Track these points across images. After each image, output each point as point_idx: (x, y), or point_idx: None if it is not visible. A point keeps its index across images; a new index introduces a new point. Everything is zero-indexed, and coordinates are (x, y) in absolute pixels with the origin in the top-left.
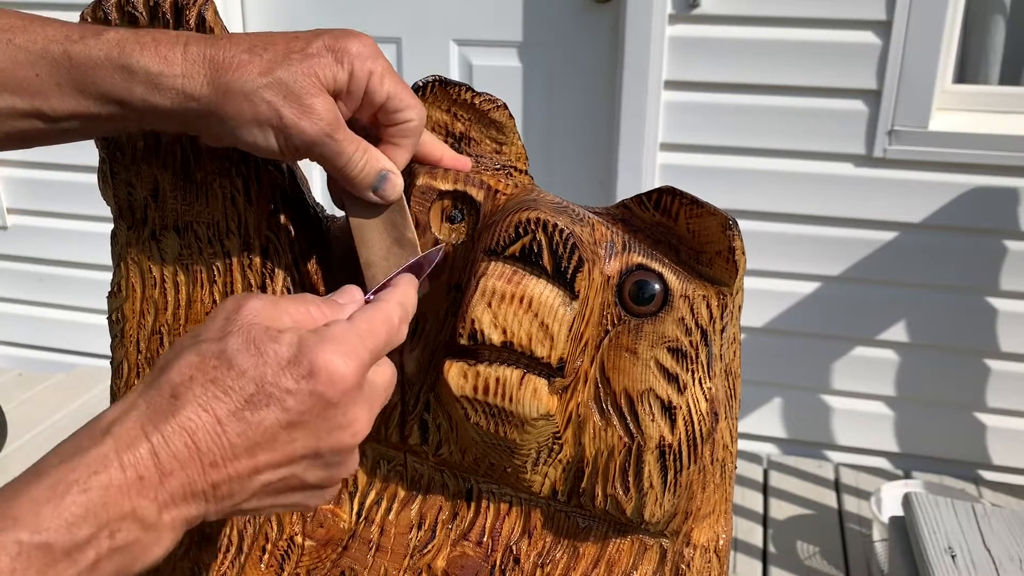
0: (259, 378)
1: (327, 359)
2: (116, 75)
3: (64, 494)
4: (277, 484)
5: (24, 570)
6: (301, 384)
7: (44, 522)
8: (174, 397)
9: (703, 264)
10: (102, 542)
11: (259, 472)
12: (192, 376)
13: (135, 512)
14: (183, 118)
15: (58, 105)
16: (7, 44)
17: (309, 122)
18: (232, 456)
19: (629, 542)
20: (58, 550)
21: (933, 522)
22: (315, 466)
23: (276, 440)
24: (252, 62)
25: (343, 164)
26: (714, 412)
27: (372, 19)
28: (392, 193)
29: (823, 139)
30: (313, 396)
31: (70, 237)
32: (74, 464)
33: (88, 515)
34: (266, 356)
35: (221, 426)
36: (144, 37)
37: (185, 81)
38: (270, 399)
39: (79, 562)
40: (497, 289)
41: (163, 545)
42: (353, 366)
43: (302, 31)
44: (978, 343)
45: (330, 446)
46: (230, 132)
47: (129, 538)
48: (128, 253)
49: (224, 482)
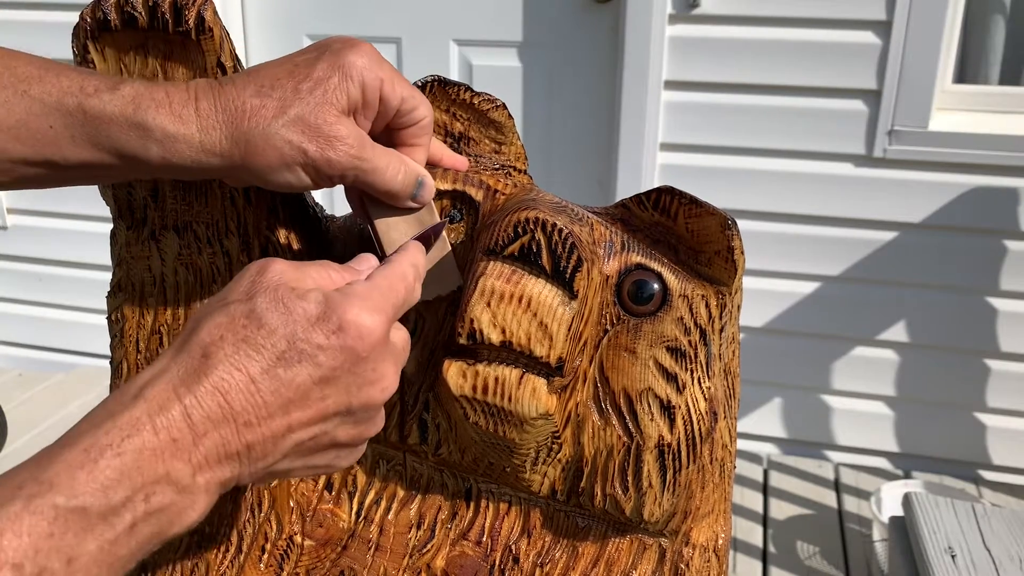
0: (290, 335)
1: (355, 314)
2: (131, 132)
3: (98, 458)
4: (309, 443)
5: (62, 534)
6: (331, 339)
7: (79, 486)
8: (205, 357)
9: (702, 264)
10: (137, 505)
11: (292, 431)
12: (222, 336)
13: (169, 475)
14: (204, 171)
15: (71, 156)
16: (22, 95)
17: (336, 151)
18: (266, 415)
19: (628, 541)
20: (94, 514)
21: (933, 522)
22: (346, 423)
23: (309, 397)
24: (265, 105)
25: (380, 181)
26: (713, 412)
27: (372, 19)
28: (430, 196)
29: (823, 139)
30: (344, 351)
31: (70, 237)
32: (107, 428)
33: (122, 478)
34: (295, 314)
35: (255, 384)
36: (158, 93)
37: (203, 137)
38: (302, 355)
39: (116, 525)
40: (496, 289)
41: (198, 509)
42: (380, 320)
43: (299, 56)
44: (978, 343)
45: (361, 402)
46: (260, 180)
47: (164, 501)
48: (128, 253)
49: (258, 442)
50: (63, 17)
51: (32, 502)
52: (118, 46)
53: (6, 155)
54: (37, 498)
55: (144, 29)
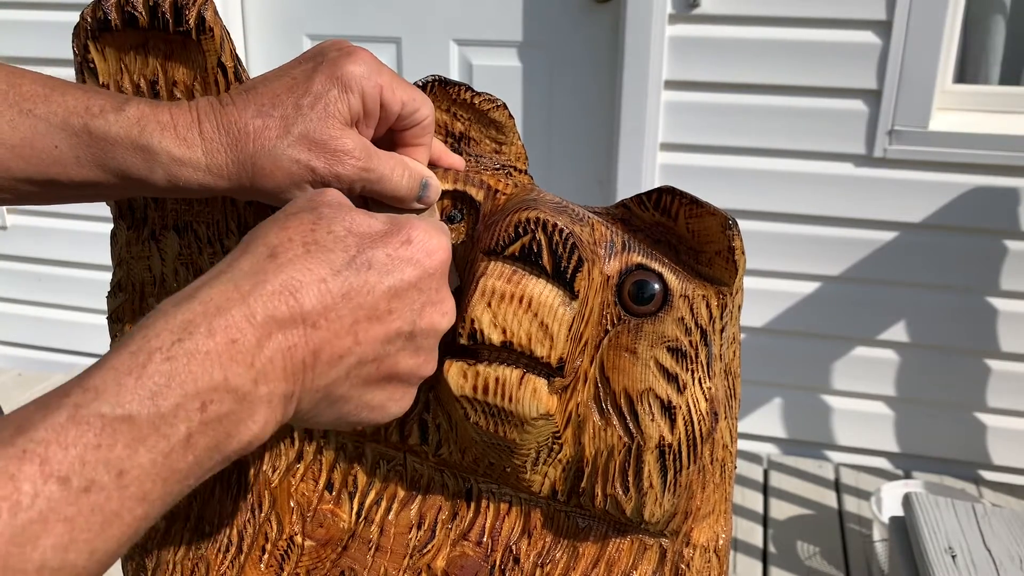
0: (359, 243)
1: (424, 230)
2: (137, 155)
3: (146, 363)
4: (371, 367)
5: (111, 445)
6: (401, 251)
7: (126, 393)
8: (272, 257)
9: (703, 264)
10: (192, 415)
11: (359, 343)
12: (291, 237)
13: (227, 381)
14: (211, 193)
15: (76, 176)
16: (27, 114)
17: (343, 166)
18: (336, 319)
19: (629, 542)
20: (143, 423)
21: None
22: (408, 349)
23: (377, 308)
24: (267, 126)
25: (387, 187)
26: (714, 412)
27: (372, 19)
28: (435, 197)
29: (823, 139)
30: (413, 264)
31: (70, 237)
32: (158, 329)
33: (172, 384)
34: (361, 225)
35: (326, 285)
36: (163, 115)
37: (209, 160)
38: (371, 263)
39: (170, 437)
40: (497, 289)
41: (258, 422)
42: (445, 242)
43: (296, 68)
44: (978, 343)
45: (424, 324)
46: (270, 200)
47: (222, 410)
48: (128, 253)
49: (325, 350)
50: (63, 17)
51: (78, 411)
52: (118, 46)
53: (10, 174)
54: (83, 407)
55: (145, 29)
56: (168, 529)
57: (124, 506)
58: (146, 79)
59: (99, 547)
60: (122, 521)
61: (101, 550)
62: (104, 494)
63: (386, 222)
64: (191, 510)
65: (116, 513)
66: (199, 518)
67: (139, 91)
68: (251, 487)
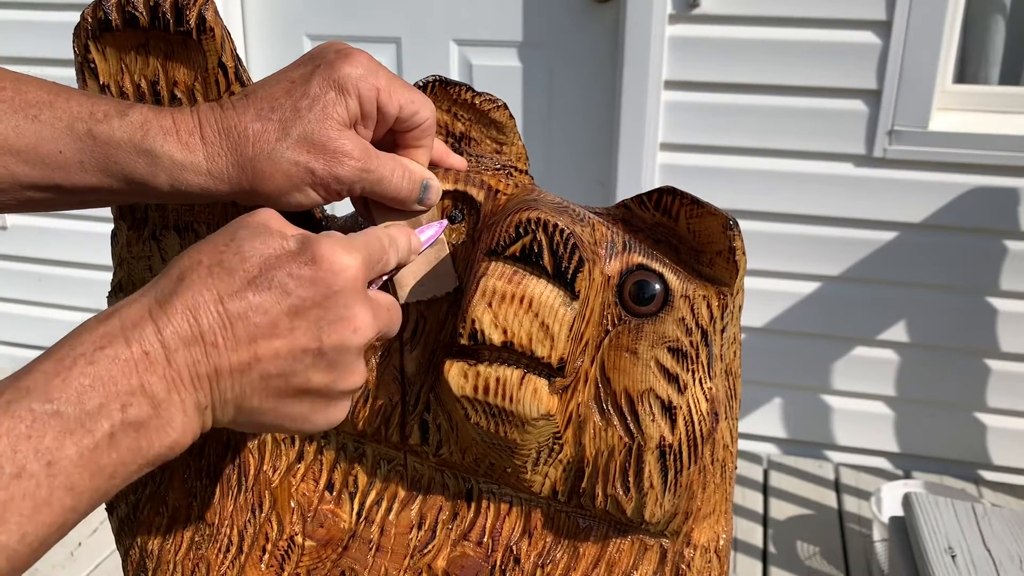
0: (263, 263)
1: (330, 249)
2: (140, 159)
3: (71, 366)
4: (278, 380)
5: (40, 436)
6: (303, 270)
7: (54, 392)
8: (180, 279)
9: (703, 264)
10: (114, 414)
11: (259, 360)
12: (200, 260)
13: (144, 387)
14: (212, 197)
15: (79, 181)
16: (33, 120)
17: (343, 167)
18: (232, 338)
19: (629, 542)
20: (71, 418)
21: (933, 522)
22: (318, 365)
23: (277, 326)
24: (267, 129)
25: (387, 189)
26: (714, 412)
27: (372, 19)
28: (435, 198)
29: (823, 139)
30: (315, 282)
31: (70, 237)
32: (81, 339)
33: (96, 385)
34: (272, 246)
35: (223, 305)
36: (165, 120)
37: (210, 165)
38: (272, 283)
39: (94, 432)
40: (497, 289)
41: (176, 427)
42: (354, 260)
43: (294, 71)
44: (978, 343)
45: (332, 341)
46: (271, 203)
47: (141, 415)
48: (129, 253)
49: (226, 367)
50: (63, 17)
51: (10, 407)
52: (119, 46)
53: (15, 179)
54: (14, 403)
55: (145, 29)
56: (169, 529)
57: (53, 494)
58: (147, 79)
59: (29, 531)
60: (51, 509)
61: (31, 534)
62: (34, 481)
63: (298, 241)
64: (191, 510)
65: (46, 500)
66: (199, 518)
67: (139, 91)
68: (251, 487)
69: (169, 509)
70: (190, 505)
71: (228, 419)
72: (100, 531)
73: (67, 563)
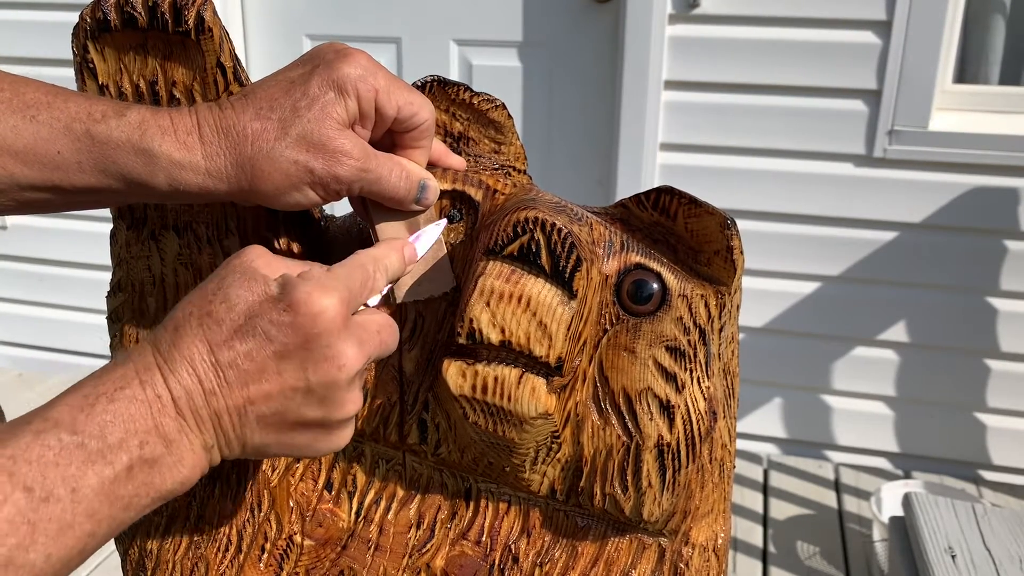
0: (248, 311)
1: (306, 293)
2: (138, 159)
3: (95, 403)
4: (274, 419)
5: (67, 464)
6: (283, 316)
7: (79, 425)
8: (176, 331)
9: (701, 263)
10: (132, 450)
11: (253, 403)
12: (191, 312)
13: (158, 428)
14: (211, 197)
15: (77, 181)
16: (31, 120)
17: (341, 166)
18: (225, 383)
19: (628, 541)
20: (94, 450)
21: (933, 522)
22: (309, 401)
23: (265, 371)
24: (266, 128)
25: (385, 189)
26: (712, 411)
27: (372, 19)
28: (433, 198)
29: (823, 139)
30: (294, 328)
31: (70, 237)
32: (103, 379)
33: (116, 421)
34: (256, 292)
35: (213, 355)
36: (163, 120)
37: (208, 164)
38: (255, 330)
39: (114, 464)
40: (495, 288)
41: (186, 465)
42: (332, 302)
43: (293, 71)
44: (978, 343)
45: (319, 379)
46: (270, 202)
47: (155, 452)
48: (128, 253)
49: (224, 412)
50: (63, 17)
51: (40, 436)
52: (118, 46)
53: (13, 180)
54: (43, 433)
55: (144, 29)
56: (168, 528)
57: (76, 519)
58: (145, 79)
59: (54, 552)
60: (74, 533)
61: (56, 556)
62: (60, 506)
63: (279, 286)
64: (191, 510)
65: (69, 524)
66: (199, 518)
67: (138, 91)
68: (250, 487)
69: (168, 509)
70: (189, 505)
71: (235, 454)
72: None
73: None
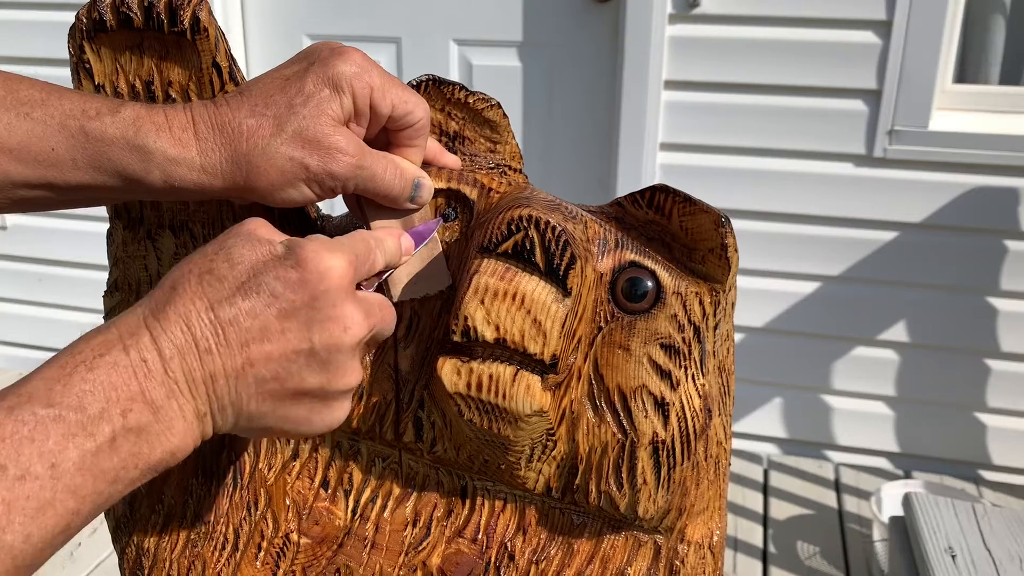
0: (252, 269)
1: (315, 251)
2: (132, 155)
3: (72, 373)
4: (273, 384)
5: (43, 439)
6: (290, 273)
7: (55, 397)
8: (172, 289)
9: (696, 261)
10: (115, 419)
11: (252, 364)
12: (190, 270)
13: (144, 394)
14: (206, 194)
15: (72, 178)
16: (25, 118)
17: (336, 163)
18: (225, 342)
19: (623, 538)
20: (72, 422)
21: (933, 522)
22: (311, 366)
23: (268, 330)
24: (261, 125)
25: (379, 186)
26: (707, 408)
27: (372, 19)
28: (427, 197)
29: (823, 139)
30: (301, 284)
31: (70, 237)
32: (80, 348)
33: (96, 390)
34: (261, 252)
35: (213, 311)
36: (158, 116)
37: (204, 160)
38: (260, 287)
39: (96, 436)
40: (490, 286)
41: (176, 434)
42: (339, 260)
43: (288, 68)
44: (978, 343)
45: (323, 341)
46: (265, 199)
47: (141, 420)
48: (124, 252)
49: (220, 373)
50: (62, 17)
51: (13, 411)
52: (114, 46)
53: (8, 178)
54: (17, 408)
55: (140, 29)
56: (165, 526)
57: (56, 496)
58: (141, 79)
59: (34, 532)
60: (55, 511)
61: (36, 536)
62: (38, 483)
63: (284, 246)
64: (187, 508)
65: (49, 502)
66: (195, 516)
67: (134, 91)
68: (247, 485)
69: (165, 507)
70: (186, 503)
71: (228, 425)
72: (100, 531)
73: (67, 563)
